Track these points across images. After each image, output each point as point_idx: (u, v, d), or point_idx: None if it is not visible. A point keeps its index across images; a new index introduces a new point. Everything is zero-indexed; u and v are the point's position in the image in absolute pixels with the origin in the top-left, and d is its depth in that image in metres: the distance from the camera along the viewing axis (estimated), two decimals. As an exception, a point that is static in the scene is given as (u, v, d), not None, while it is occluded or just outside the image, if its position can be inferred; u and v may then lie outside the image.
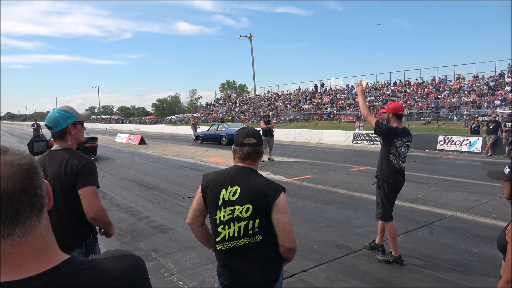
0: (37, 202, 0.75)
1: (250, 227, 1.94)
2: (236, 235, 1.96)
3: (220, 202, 1.98)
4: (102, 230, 2.40)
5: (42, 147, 12.67)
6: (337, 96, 47.81)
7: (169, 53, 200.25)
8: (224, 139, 21.24)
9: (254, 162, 2.07)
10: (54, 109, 2.33)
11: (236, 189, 1.97)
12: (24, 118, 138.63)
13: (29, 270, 0.71)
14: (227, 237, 1.97)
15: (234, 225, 1.95)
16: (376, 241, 4.66)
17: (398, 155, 4.18)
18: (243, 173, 2.02)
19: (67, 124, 2.27)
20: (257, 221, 1.93)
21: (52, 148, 2.33)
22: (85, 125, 2.77)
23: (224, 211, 1.97)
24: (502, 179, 1.90)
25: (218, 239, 2.00)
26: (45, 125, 2.28)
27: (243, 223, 1.94)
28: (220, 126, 22.82)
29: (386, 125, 4.16)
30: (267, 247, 1.98)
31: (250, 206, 1.93)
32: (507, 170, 1.87)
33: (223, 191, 1.99)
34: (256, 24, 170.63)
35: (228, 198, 1.97)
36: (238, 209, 1.94)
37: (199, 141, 23.40)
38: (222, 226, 1.98)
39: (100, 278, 0.77)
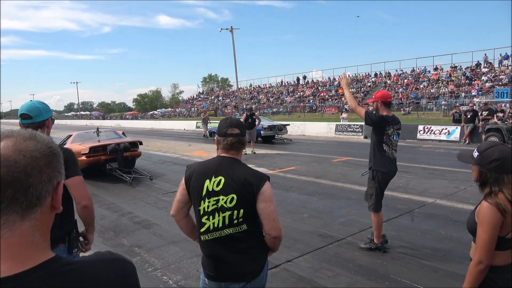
0: (22, 199, 0.68)
1: (234, 217, 1.93)
2: (220, 225, 1.95)
3: (204, 192, 1.97)
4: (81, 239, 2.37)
5: None
6: (319, 88, 48.07)
7: (150, 47, 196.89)
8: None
9: (238, 153, 2.07)
10: (31, 100, 2.29)
11: (220, 179, 1.96)
12: None
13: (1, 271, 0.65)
14: (211, 227, 1.97)
15: (218, 216, 1.95)
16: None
17: (390, 144, 4.12)
18: (227, 163, 2.01)
19: (48, 116, 2.26)
20: (241, 210, 1.93)
21: None
22: (71, 121, 2.75)
23: (208, 202, 1.96)
24: (471, 162, 1.95)
25: (202, 230, 2.00)
26: (22, 114, 2.20)
27: (227, 213, 1.94)
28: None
29: (376, 114, 4.08)
30: (252, 237, 1.98)
31: (235, 196, 1.93)
32: (475, 154, 1.91)
33: (207, 181, 1.98)
34: (238, 17, 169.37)
35: (212, 188, 1.96)
36: (223, 199, 1.94)
37: (214, 138, 21.34)
38: (206, 217, 1.97)
39: (83, 284, 0.70)
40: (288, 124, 19.97)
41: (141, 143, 10.29)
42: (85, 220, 2.32)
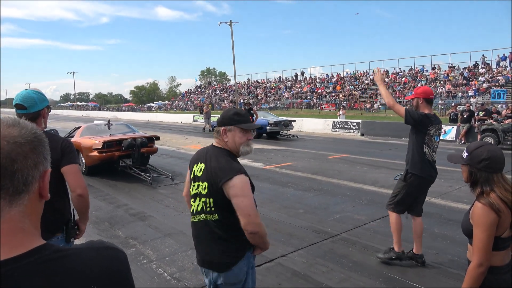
0: (9, 185, 0.68)
1: (207, 205, 2.01)
2: (199, 209, 2.06)
3: (192, 176, 2.11)
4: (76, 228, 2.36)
5: None
6: (317, 84, 48.05)
7: (148, 39, 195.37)
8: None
9: (219, 141, 2.11)
10: (25, 89, 2.24)
11: (202, 166, 2.06)
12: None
13: None
14: (194, 210, 2.10)
15: (199, 200, 2.06)
16: (415, 250, 3.96)
17: (431, 145, 3.73)
18: (212, 152, 2.10)
19: (43, 106, 2.22)
20: (211, 199, 1.99)
21: None
22: (68, 112, 2.68)
23: (193, 185, 2.10)
24: (460, 163, 1.94)
25: (190, 210, 2.15)
26: (17, 104, 2.17)
27: (203, 199, 2.03)
28: None
29: (418, 113, 3.70)
30: (224, 229, 2.00)
31: (207, 184, 2.01)
32: (465, 154, 1.91)
33: (195, 166, 2.11)
34: (237, 11, 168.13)
35: (196, 173, 2.08)
36: (200, 185, 2.04)
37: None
38: (192, 199, 2.11)
39: (74, 271, 0.70)
40: (294, 120, 19.40)
41: (158, 138, 9.43)
42: (79, 209, 2.31)
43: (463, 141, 15.18)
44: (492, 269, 1.82)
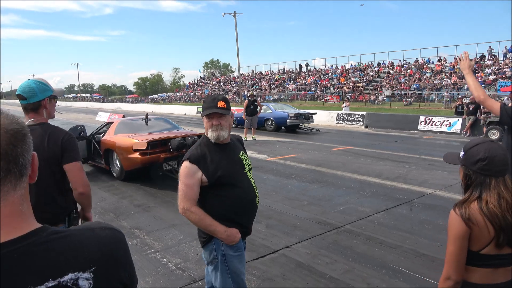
0: (15, 169, 0.71)
1: None
2: None
3: None
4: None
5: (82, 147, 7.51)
6: (321, 76, 47.77)
7: (152, 30, 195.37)
8: (270, 123, 16.59)
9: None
10: (28, 79, 2.20)
11: None
12: None
13: None
14: None
15: None
16: None
17: None
18: None
19: (44, 96, 2.16)
20: None
21: (26, 123, 2.22)
22: (72, 103, 2.66)
23: None
24: (456, 163, 1.76)
25: None
26: (18, 95, 2.15)
27: None
28: (265, 107, 16.87)
29: None
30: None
31: None
32: (461, 153, 1.71)
33: None
34: (241, 1, 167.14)
35: None
36: None
37: (233, 125, 18.06)
38: None
39: (72, 252, 0.72)
40: (315, 113, 18.45)
41: (198, 137, 7.62)
42: (82, 204, 2.34)
43: (468, 134, 15.08)
44: (468, 285, 1.63)
